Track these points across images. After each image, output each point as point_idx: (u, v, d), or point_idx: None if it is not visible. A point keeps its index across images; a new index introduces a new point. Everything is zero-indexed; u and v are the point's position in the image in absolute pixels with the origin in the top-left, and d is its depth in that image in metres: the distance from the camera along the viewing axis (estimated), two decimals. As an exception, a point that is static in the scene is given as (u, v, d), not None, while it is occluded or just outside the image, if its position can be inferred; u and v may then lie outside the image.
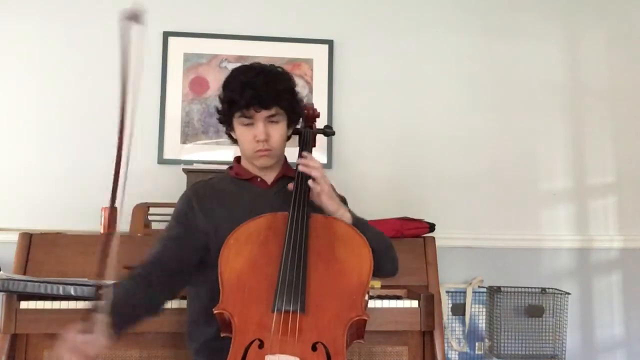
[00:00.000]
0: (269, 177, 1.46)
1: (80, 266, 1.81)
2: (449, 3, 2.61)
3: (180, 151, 2.38)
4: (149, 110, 2.38)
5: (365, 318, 1.20)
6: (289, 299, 1.15)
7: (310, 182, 1.33)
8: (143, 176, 2.31)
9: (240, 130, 1.39)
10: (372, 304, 1.68)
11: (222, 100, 1.41)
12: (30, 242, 1.82)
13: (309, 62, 2.49)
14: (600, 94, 2.65)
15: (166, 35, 2.42)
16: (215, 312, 1.17)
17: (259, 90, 1.33)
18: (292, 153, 1.49)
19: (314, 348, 1.12)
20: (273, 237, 1.26)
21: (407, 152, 2.52)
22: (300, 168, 1.36)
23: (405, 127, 2.52)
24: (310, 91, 2.47)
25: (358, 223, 1.36)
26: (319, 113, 1.55)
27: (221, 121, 1.46)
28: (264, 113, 1.35)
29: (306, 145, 1.47)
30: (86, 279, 1.73)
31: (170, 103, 2.40)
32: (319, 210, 1.36)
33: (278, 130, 1.39)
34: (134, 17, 0.92)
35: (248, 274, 1.22)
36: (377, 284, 1.91)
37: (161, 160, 2.37)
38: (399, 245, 2.00)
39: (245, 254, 1.24)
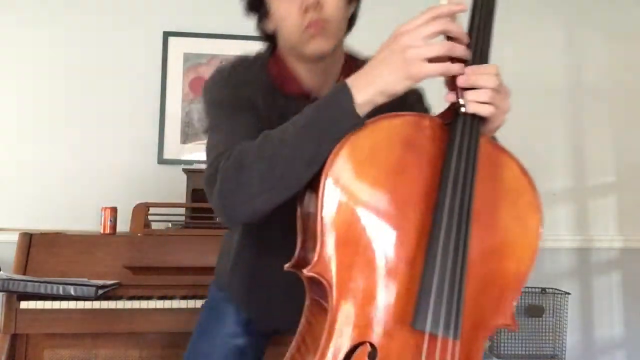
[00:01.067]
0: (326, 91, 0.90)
1: (81, 266, 1.81)
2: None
3: (180, 151, 2.38)
4: (149, 110, 2.38)
5: (513, 329, 0.79)
6: (445, 320, 0.69)
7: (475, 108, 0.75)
8: (143, 176, 2.32)
9: (279, 4, 0.97)
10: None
11: None
12: (30, 242, 1.81)
13: (309, 62, 2.49)
14: (600, 94, 2.65)
15: (166, 35, 2.42)
16: (306, 273, 0.72)
17: None
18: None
19: None
20: (415, 163, 0.74)
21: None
22: (461, 82, 0.75)
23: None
24: (310, 91, 2.47)
25: None
26: None
27: (251, 7, 1.06)
28: None
29: (482, 12, 0.86)
30: (86, 279, 1.73)
31: (170, 103, 2.40)
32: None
33: None
34: None
35: (370, 224, 0.72)
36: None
37: (161, 160, 2.36)
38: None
39: (366, 182, 0.72)
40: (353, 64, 1.04)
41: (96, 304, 1.65)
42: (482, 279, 0.75)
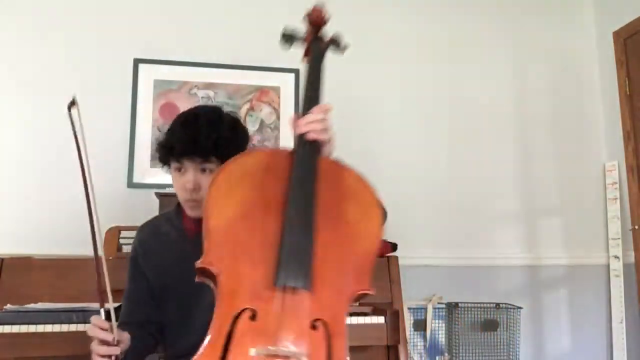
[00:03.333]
0: None
1: (53, 290, 1.82)
2: (409, 38, 2.78)
3: (150, 175, 2.42)
4: (119, 135, 2.42)
5: (371, 292, 1.03)
6: (295, 273, 0.96)
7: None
8: (112, 200, 2.34)
9: (172, 176, 1.32)
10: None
11: (161, 142, 1.33)
12: (1, 266, 1.82)
13: (276, 89, 2.60)
14: (544, 122, 2.87)
15: (136, 62, 2.48)
16: (198, 266, 0.98)
17: (194, 136, 1.25)
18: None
19: (313, 326, 0.95)
20: (273, 181, 1.03)
21: (368, 176, 2.62)
22: (298, 129, 1.07)
23: (367, 151, 2.64)
24: (278, 117, 2.57)
25: None
26: (326, 19, 1.24)
27: (161, 161, 1.36)
28: (196, 160, 1.26)
29: (314, 66, 1.19)
30: (86, 304, 1.73)
31: (140, 128, 2.45)
32: None
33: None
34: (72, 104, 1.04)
35: (240, 225, 0.99)
36: (353, 301, 1.99)
37: (130, 184, 2.40)
38: (364, 265, 2.12)
39: (237, 197, 1.01)
40: None
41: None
42: (337, 255, 1.01)
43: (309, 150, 1.05)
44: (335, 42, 1.28)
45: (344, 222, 1.04)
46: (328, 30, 1.27)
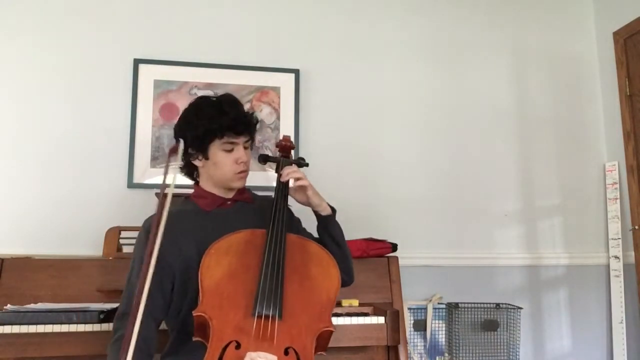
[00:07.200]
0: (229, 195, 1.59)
1: (53, 290, 1.82)
2: (409, 38, 2.79)
3: (150, 175, 2.42)
4: (118, 135, 2.41)
5: (332, 329, 1.32)
6: (269, 305, 1.25)
7: (294, 181, 1.51)
8: (112, 200, 2.34)
9: (221, 156, 1.48)
10: (342, 321, 1.77)
11: (196, 127, 1.45)
12: (1, 267, 1.82)
13: (276, 90, 2.59)
14: (545, 122, 2.87)
15: (137, 62, 2.48)
16: (194, 314, 1.25)
17: (242, 117, 1.50)
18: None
19: (286, 352, 1.22)
20: (252, 250, 1.37)
21: (369, 176, 2.64)
22: (283, 178, 1.52)
23: (367, 152, 2.65)
24: (278, 117, 2.57)
25: (332, 220, 1.57)
26: (294, 145, 1.72)
27: (195, 148, 1.48)
28: (244, 138, 1.51)
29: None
30: (87, 305, 1.74)
31: (140, 128, 2.44)
32: (294, 230, 1.54)
33: (250, 154, 1.56)
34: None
35: (227, 282, 1.31)
36: (354, 302, 2.01)
37: (130, 184, 2.40)
38: (364, 265, 2.13)
39: (224, 263, 1.33)
40: (245, 188, 1.62)
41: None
42: (303, 299, 1.33)
43: (279, 226, 1.41)
44: (298, 162, 1.67)
45: (307, 277, 1.37)
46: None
